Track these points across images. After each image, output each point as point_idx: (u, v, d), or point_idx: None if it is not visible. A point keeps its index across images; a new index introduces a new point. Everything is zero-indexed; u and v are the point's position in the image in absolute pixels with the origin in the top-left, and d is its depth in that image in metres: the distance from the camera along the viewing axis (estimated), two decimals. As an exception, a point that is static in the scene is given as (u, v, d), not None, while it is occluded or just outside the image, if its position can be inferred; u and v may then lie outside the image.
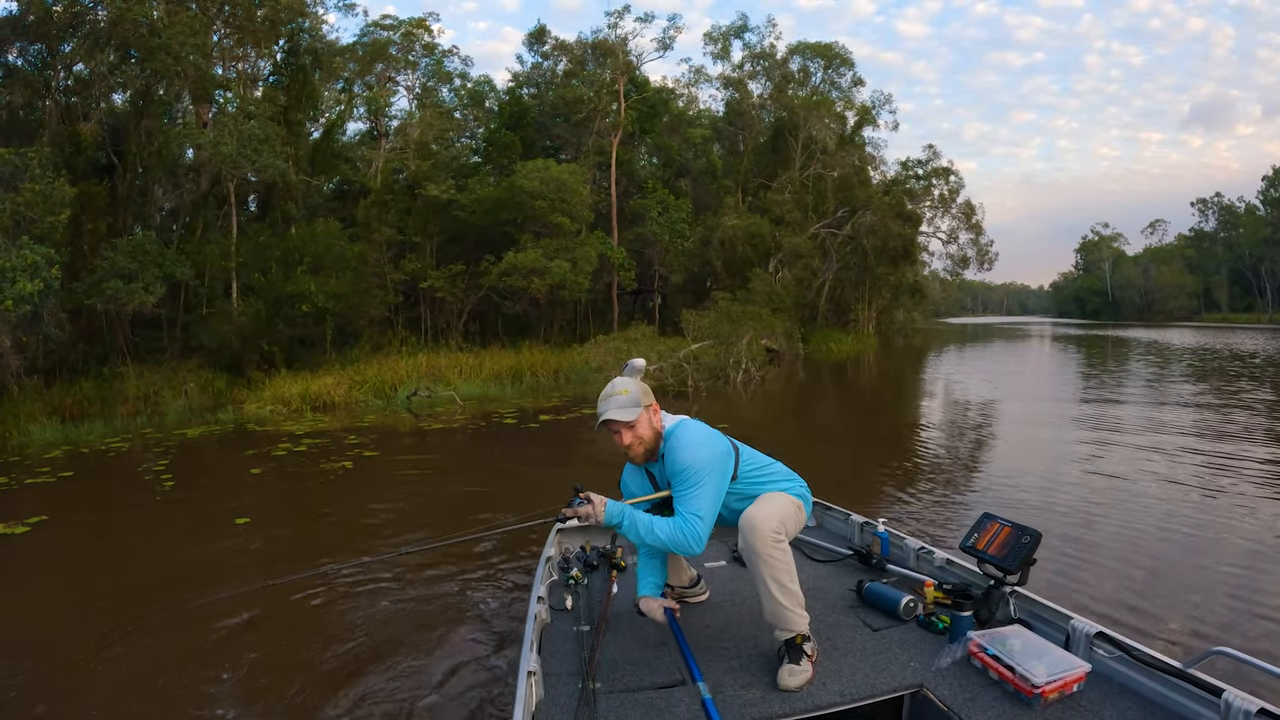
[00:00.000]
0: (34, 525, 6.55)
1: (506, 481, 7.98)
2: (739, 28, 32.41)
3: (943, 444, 9.64)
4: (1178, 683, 2.09)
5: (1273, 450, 8.50)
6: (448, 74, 27.14)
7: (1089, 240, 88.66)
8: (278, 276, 15.80)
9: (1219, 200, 70.94)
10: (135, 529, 6.68)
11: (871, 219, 30.70)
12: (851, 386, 18.88)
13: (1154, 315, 70.34)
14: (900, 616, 2.75)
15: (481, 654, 3.76)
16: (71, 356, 14.61)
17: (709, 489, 2.46)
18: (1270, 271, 63.03)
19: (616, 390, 2.58)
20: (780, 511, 2.53)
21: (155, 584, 5.13)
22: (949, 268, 39.52)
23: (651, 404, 2.63)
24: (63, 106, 15.04)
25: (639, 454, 2.62)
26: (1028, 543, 2.57)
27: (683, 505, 2.45)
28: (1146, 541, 5.29)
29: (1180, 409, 11.96)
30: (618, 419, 2.54)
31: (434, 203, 21.24)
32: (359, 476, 8.35)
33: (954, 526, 5.64)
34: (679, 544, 2.40)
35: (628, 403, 2.56)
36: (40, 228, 11.93)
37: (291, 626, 4.29)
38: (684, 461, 2.48)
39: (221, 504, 7.17)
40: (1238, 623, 3.90)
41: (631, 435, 2.57)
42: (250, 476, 8.48)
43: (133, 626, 4.17)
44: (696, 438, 2.56)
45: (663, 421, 2.65)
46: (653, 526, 2.43)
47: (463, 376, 16.76)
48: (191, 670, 3.71)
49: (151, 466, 9.03)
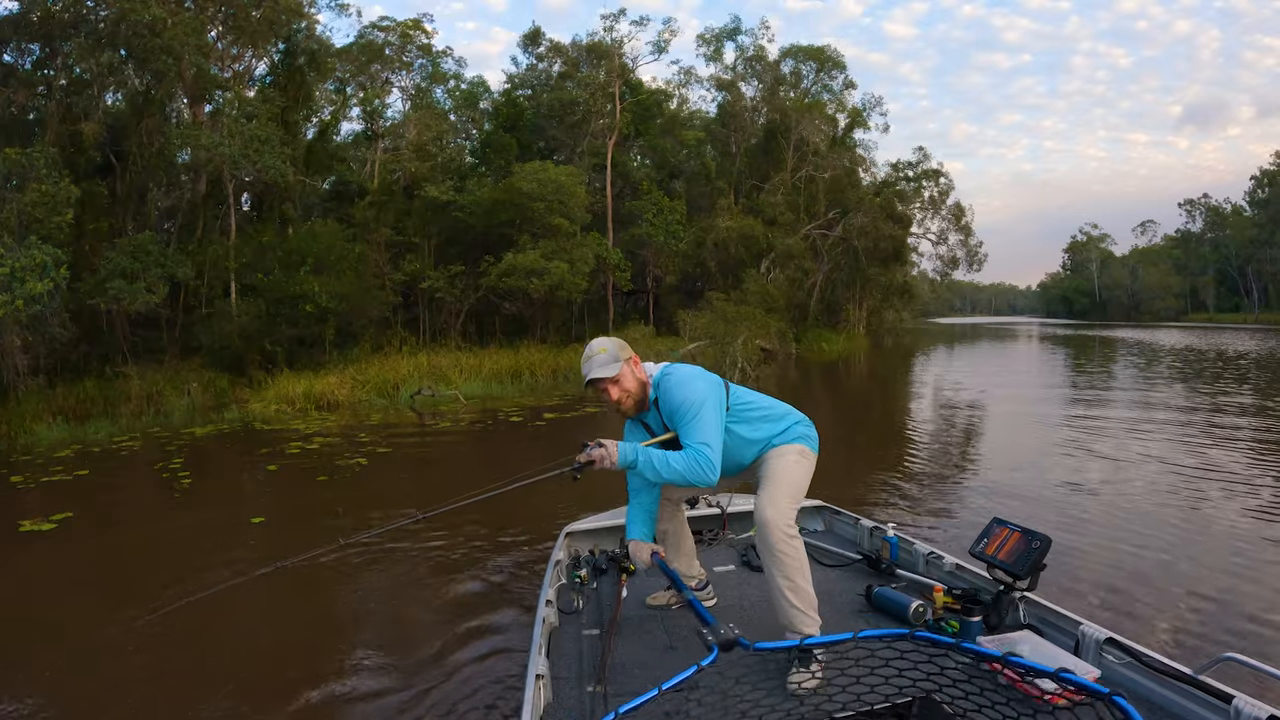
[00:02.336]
0: (60, 522, 6.63)
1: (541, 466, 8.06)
2: (732, 30, 32.68)
3: (932, 443, 9.85)
4: (1188, 689, 2.09)
5: (1262, 447, 8.77)
6: (444, 75, 27.22)
7: (1077, 241, 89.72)
8: (281, 277, 15.87)
9: (1206, 201, 72.06)
10: (161, 524, 6.76)
11: (862, 220, 31.05)
12: (843, 385, 19.13)
13: (1141, 315, 71.01)
14: (909, 621, 2.73)
15: (489, 657, 3.72)
16: (73, 357, 14.63)
17: (710, 417, 2.52)
18: (1257, 272, 63.82)
19: (595, 351, 2.65)
20: (792, 491, 2.60)
21: (198, 573, 5.27)
22: (938, 268, 39.93)
23: (631, 357, 2.68)
24: (64, 106, 15.06)
25: (630, 407, 2.69)
26: (1038, 548, 2.57)
27: (689, 438, 2.50)
28: (1135, 540, 5.27)
29: (1169, 409, 12.26)
30: (600, 376, 2.61)
31: (433, 203, 21.35)
32: (379, 472, 8.48)
33: (942, 525, 5.72)
34: (695, 473, 2.44)
35: (608, 359, 2.62)
36: (46, 228, 11.98)
37: (293, 619, 4.38)
38: (679, 398, 2.55)
39: (244, 499, 7.32)
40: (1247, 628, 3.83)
41: (618, 390, 2.64)
42: (267, 473, 8.60)
43: (171, 606, 4.29)
44: (686, 374, 2.64)
45: (646, 372, 2.73)
46: (667, 460, 2.46)
47: (463, 376, 16.88)
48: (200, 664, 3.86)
49: (167, 465, 9.11)
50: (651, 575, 3.61)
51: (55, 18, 14.20)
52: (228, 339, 15.54)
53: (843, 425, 11.68)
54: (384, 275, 20.21)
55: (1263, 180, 62.95)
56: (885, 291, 36.56)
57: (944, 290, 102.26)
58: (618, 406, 2.68)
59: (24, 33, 14.39)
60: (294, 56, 19.98)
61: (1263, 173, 63.02)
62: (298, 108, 20.03)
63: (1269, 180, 61.94)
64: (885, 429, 11.57)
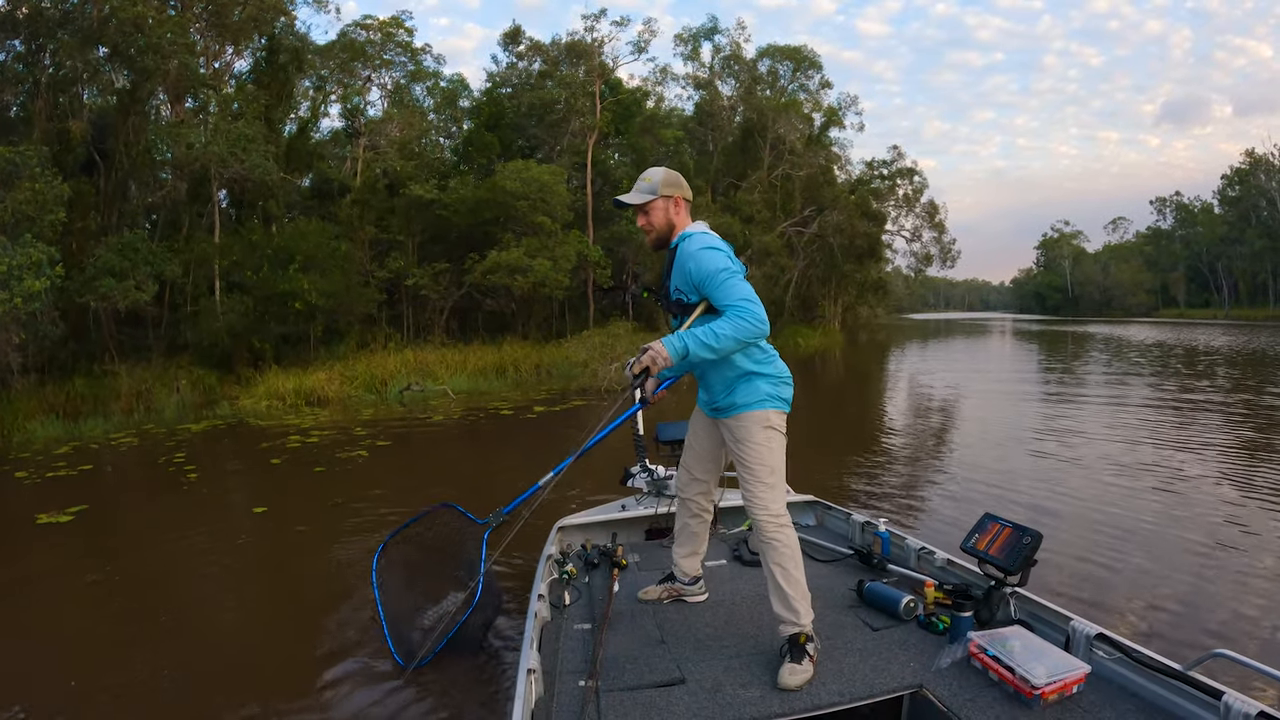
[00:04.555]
0: (76, 514, 6.86)
1: (543, 456, 8.28)
2: (709, 30, 33.13)
3: (908, 435, 10.33)
4: (1178, 684, 2.10)
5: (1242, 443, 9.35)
6: (425, 73, 27.36)
7: (1049, 237, 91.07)
8: (270, 275, 16.02)
9: (1177, 199, 73.55)
10: (177, 515, 6.95)
11: (838, 218, 31.71)
12: (820, 380, 19.63)
13: (1113, 311, 72.15)
14: (901, 616, 2.77)
15: (481, 652, 3.66)
16: (61, 355, 14.68)
17: (737, 277, 2.51)
18: (1226, 269, 65.11)
19: (641, 178, 2.73)
20: (770, 477, 2.64)
21: (233, 560, 5.57)
22: (912, 265, 40.80)
23: (674, 195, 2.70)
24: (50, 103, 15.09)
25: (651, 239, 2.75)
26: (1028, 544, 2.59)
27: (727, 299, 2.47)
28: (1109, 530, 5.40)
29: (1137, 407, 12.88)
30: (624, 200, 2.73)
31: (416, 202, 21.55)
32: (385, 462, 8.80)
33: (922, 519, 5.87)
34: (745, 329, 2.42)
35: (645, 189, 2.70)
36: (38, 226, 12.08)
37: (267, 615, 4.53)
38: (705, 268, 2.52)
39: (254, 491, 7.59)
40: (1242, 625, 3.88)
41: (644, 219, 2.73)
42: (271, 466, 8.87)
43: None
44: (710, 240, 2.62)
45: (685, 221, 2.75)
46: (714, 329, 2.42)
47: (449, 371, 17.14)
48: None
49: (170, 459, 9.33)
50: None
51: (44, 14, 14.24)
52: (216, 336, 15.67)
53: (821, 417, 12.13)
54: (368, 273, 20.38)
55: (1233, 179, 63.94)
56: (860, 288, 37.32)
57: (918, 286, 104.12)
58: (645, 234, 2.79)
59: (11, 30, 14.40)
60: (276, 54, 20.06)
61: (1234, 171, 64.01)
62: (280, 105, 20.14)
63: (1239, 179, 62.95)
64: (862, 422, 12.06)
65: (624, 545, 3.76)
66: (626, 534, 4.06)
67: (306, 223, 18.73)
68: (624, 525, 4.10)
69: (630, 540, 4.00)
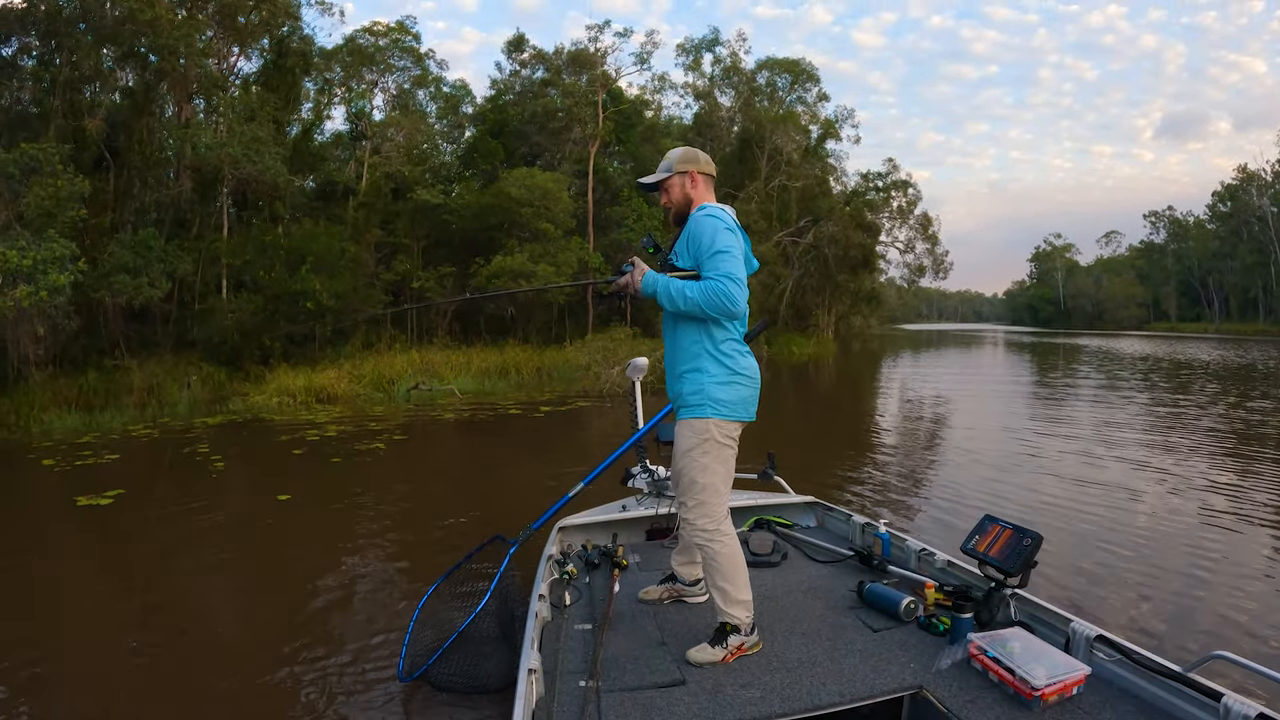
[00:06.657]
0: (115, 498, 7.14)
1: (556, 451, 8.62)
2: (711, 41, 33.64)
3: (896, 439, 10.67)
4: (1177, 686, 2.10)
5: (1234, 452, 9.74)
6: (430, 77, 27.73)
7: (1042, 250, 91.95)
8: (282, 274, 16.33)
9: (1170, 213, 74.33)
10: (213, 498, 7.17)
11: (833, 229, 32.17)
12: (814, 387, 20.05)
13: (1105, 324, 72.54)
14: (901, 618, 2.77)
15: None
16: (73, 349, 14.91)
17: (734, 254, 2.55)
18: (1218, 283, 65.67)
19: (665, 158, 2.85)
20: (702, 494, 2.64)
21: (291, 539, 5.88)
22: (906, 276, 41.31)
23: (689, 171, 2.79)
24: (67, 101, 15.37)
25: (672, 216, 2.85)
26: (1029, 545, 2.58)
27: (708, 271, 2.53)
28: (1099, 538, 5.48)
29: (1130, 414, 13.28)
30: (642, 180, 2.87)
31: (421, 206, 21.89)
32: (405, 456, 9.08)
33: (916, 521, 5.92)
34: (713, 302, 2.49)
35: (663, 168, 2.82)
36: (58, 222, 12.35)
37: (262, 603, 4.60)
38: (701, 237, 2.58)
39: (278, 480, 7.88)
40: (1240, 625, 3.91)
41: (665, 196, 2.84)
42: (294, 457, 9.16)
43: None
44: (713, 212, 2.65)
45: (704, 196, 2.82)
46: (685, 288, 2.54)
47: (454, 372, 17.47)
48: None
49: (195, 450, 9.62)
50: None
51: (61, 13, 14.53)
52: (225, 334, 15.93)
53: (814, 423, 12.49)
54: (374, 275, 20.70)
55: (1224, 195, 64.44)
56: (854, 298, 37.76)
57: (911, 297, 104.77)
58: (666, 211, 2.89)
59: (29, 28, 14.69)
60: (284, 57, 20.39)
61: (1225, 187, 64.54)
62: (287, 107, 20.49)
63: (1230, 195, 63.47)
64: (855, 426, 12.39)
65: (624, 545, 3.77)
66: (627, 534, 4.08)
67: (316, 225, 19.05)
68: (624, 525, 4.11)
69: (631, 540, 4.03)
